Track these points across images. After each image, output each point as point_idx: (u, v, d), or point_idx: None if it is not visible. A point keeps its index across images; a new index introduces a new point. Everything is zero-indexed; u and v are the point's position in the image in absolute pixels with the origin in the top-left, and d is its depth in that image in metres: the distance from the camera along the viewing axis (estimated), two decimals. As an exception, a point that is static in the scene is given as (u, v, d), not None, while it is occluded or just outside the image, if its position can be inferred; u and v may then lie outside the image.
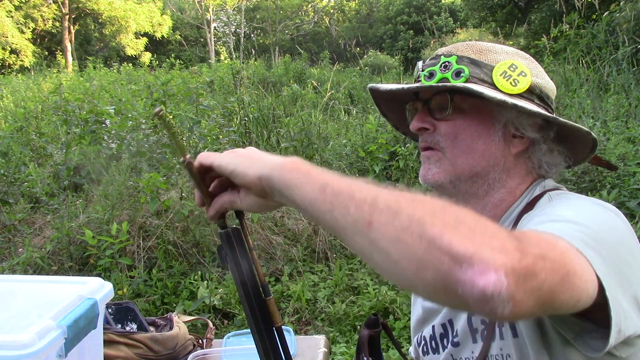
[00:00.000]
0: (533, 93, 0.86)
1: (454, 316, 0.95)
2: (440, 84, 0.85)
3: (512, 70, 0.86)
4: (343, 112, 7.68)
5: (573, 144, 0.91)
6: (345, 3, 36.19)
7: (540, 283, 0.49)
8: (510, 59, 0.88)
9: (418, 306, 1.06)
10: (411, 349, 1.17)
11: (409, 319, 3.37)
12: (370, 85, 0.96)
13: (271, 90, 9.27)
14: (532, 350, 0.78)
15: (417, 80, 0.92)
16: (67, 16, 24.09)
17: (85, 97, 6.52)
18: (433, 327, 0.99)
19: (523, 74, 0.85)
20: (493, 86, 0.85)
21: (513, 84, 0.85)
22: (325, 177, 0.58)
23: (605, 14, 7.00)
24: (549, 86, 0.90)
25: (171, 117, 5.31)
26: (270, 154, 0.68)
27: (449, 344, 0.94)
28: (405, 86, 0.89)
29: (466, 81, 0.85)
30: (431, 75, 0.88)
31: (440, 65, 0.88)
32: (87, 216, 3.82)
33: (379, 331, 0.89)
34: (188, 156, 0.73)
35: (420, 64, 0.93)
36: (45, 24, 24.07)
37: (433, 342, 0.99)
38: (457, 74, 0.86)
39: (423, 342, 1.03)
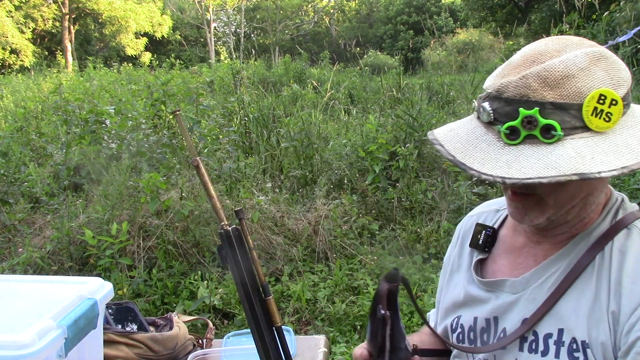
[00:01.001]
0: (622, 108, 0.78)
1: (501, 314, 0.93)
2: (553, 177, 0.73)
3: (602, 102, 0.76)
4: (343, 112, 7.68)
5: None
6: (345, 3, 36.19)
7: None
8: (591, 85, 0.76)
9: (459, 288, 1.03)
10: (431, 314, 1.18)
11: (409, 319, 3.37)
12: (473, 171, 0.79)
13: (271, 90, 9.27)
14: None
15: (491, 125, 0.81)
16: (67, 16, 24.09)
17: (85, 97, 6.51)
18: (476, 318, 0.97)
19: (614, 102, 0.76)
20: (586, 129, 0.76)
21: (607, 119, 0.76)
22: None
23: (605, 14, 7.00)
24: (628, 83, 0.80)
25: (171, 117, 5.31)
26: None
27: (495, 341, 0.93)
28: (522, 180, 0.74)
29: (559, 140, 0.76)
30: (513, 132, 0.77)
31: (523, 121, 0.76)
32: (87, 216, 3.82)
33: (397, 285, 0.85)
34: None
35: (487, 106, 0.80)
36: (45, 24, 24.07)
37: (472, 334, 0.98)
38: (547, 130, 0.75)
39: (459, 330, 1.01)
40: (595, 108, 0.75)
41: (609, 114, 0.76)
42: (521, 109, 0.76)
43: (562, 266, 0.87)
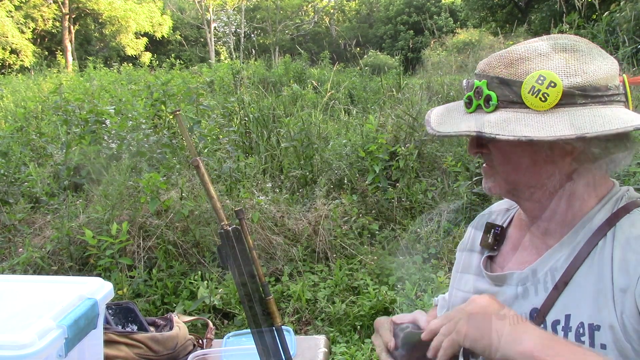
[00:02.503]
0: (573, 95, 0.81)
1: (509, 306, 0.93)
2: (457, 132, 0.87)
3: (541, 83, 0.81)
4: (343, 112, 7.68)
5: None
6: (345, 3, 36.18)
7: None
8: (541, 68, 0.82)
9: (469, 285, 1.06)
10: (440, 298, 1.22)
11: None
12: (429, 127, 0.93)
13: (271, 90, 9.27)
14: None
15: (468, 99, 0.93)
16: (67, 16, 24.09)
17: (85, 97, 6.50)
18: None
19: (552, 84, 0.81)
20: (523, 105, 0.83)
21: (543, 99, 0.81)
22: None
23: (605, 14, 6.99)
24: (590, 77, 0.82)
25: (171, 117, 5.31)
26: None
27: None
28: (442, 133, 0.89)
29: (495, 109, 0.85)
30: (469, 102, 0.90)
31: (475, 92, 0.88)
32: (87, 216, 3.82)
33: None
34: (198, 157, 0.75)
35: (464, 82, 0.93)
36: (45, 24, 24.06)
37: None
38: (487, 100, 0.86)
39: None
40: (533, 87, 0.81)
41: (545, 94, 0.81)
42: (475, 81, 0.89)
43: (565, 254, 0.89)
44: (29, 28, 23.23)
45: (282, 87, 10.14)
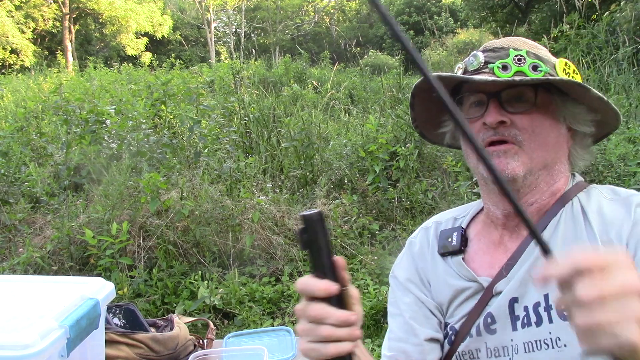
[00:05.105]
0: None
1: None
2: (547, 78, 0.86)
3: (568, 67, 0.90)
4: (343, 112, 7.68)
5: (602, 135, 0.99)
6: (345, 3, 36.16)
7: None
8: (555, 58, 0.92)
9: (446, 289, 0.99)
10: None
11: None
12: (444, 74, 0.89)
13: (271, 90, 9.26)
14: None
15: (478, 71, 0.90)
16: (68, 16, 24.08)
17: (85, 97, 6.50)
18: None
19: (576, 72, 0.91)
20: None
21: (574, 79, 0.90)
22: None
23: (605, 14, 6.99)
24: None
25: (172, 117, 5.31)
26: None
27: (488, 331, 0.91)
28: (502, 78, 0.86)
29: (544, 75, 0.87)
30: (505, 67, 0.88)
31: (513, 58, 0.88)
32: (88, 216, 3.82)
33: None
34: None
35: (480, 54, 0.92)
36: (45, 24, 24.05)
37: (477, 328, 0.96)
38: (534, 68, 0.87)
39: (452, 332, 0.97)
40: (564, 70, 0.90)
41: (573, 78, 0.90)
42: (511, 50, 0.90)
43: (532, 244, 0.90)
44: (29, 28, 23.23)
45: (283, 87, 10.14)
